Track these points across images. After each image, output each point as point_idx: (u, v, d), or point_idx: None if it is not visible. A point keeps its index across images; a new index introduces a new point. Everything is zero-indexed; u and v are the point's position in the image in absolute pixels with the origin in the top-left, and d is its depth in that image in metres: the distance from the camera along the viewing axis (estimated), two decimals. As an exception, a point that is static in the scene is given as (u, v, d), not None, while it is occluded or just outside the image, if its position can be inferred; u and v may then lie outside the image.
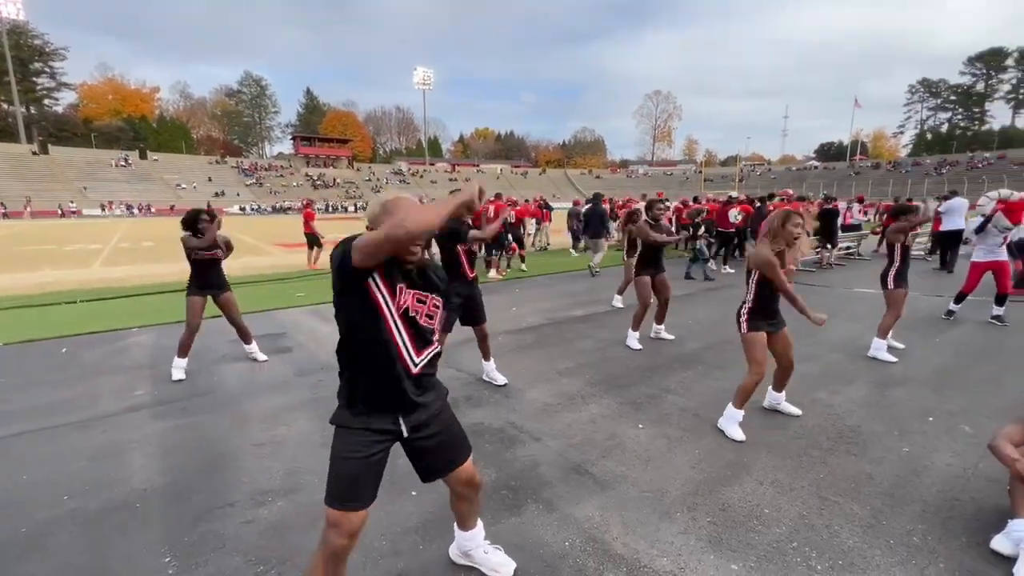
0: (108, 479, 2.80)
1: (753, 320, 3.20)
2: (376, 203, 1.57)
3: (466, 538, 2.02)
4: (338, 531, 1.56)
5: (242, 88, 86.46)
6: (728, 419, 3.27)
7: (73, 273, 10.92)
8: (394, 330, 1.56)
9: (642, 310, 5.14)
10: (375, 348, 1.56)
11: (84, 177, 51.23)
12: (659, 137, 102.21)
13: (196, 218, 4.42)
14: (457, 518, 1.99)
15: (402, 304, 1.56)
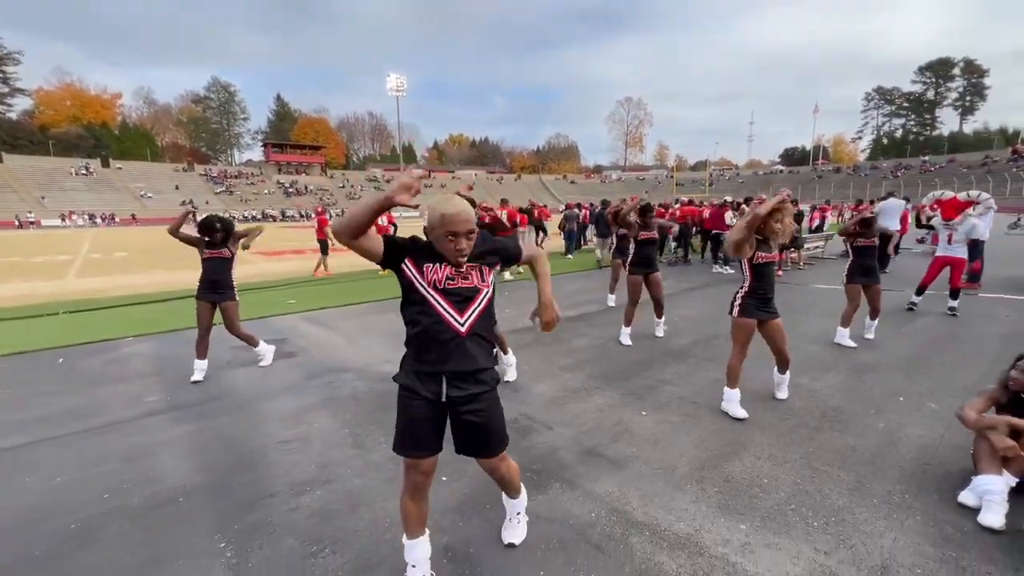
0: (144, 478, 2.89)
1: (745, 306, 3.52)
2: (437, 212, 1.73)
3: (506, 503, 2.28)
4: (415, 470, 1.86)
5: (209, 94, 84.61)
6: (727, 401, 3.59)
7: (47, 285, 10.63)
8: (431, 300, 1.77)
9: (632, 307, 5.45)
10: (421, 316, 1.78)
11: (42, 186, 49.22)
12: (631, 143, 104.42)
13: (212, 226, 4.51)
14: (501, 488, 2.22)
15: (431, 279, 1.77)
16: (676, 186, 66.27)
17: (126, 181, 55.36)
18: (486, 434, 1.93)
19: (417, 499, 1.91)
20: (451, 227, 1.69)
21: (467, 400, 1.84)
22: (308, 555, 2.20)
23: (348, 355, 5.25)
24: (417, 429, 1.83)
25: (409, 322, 1.83)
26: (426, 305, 1.77)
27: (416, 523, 1.94)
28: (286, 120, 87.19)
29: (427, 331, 1.78)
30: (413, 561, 1.95)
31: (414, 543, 1.95)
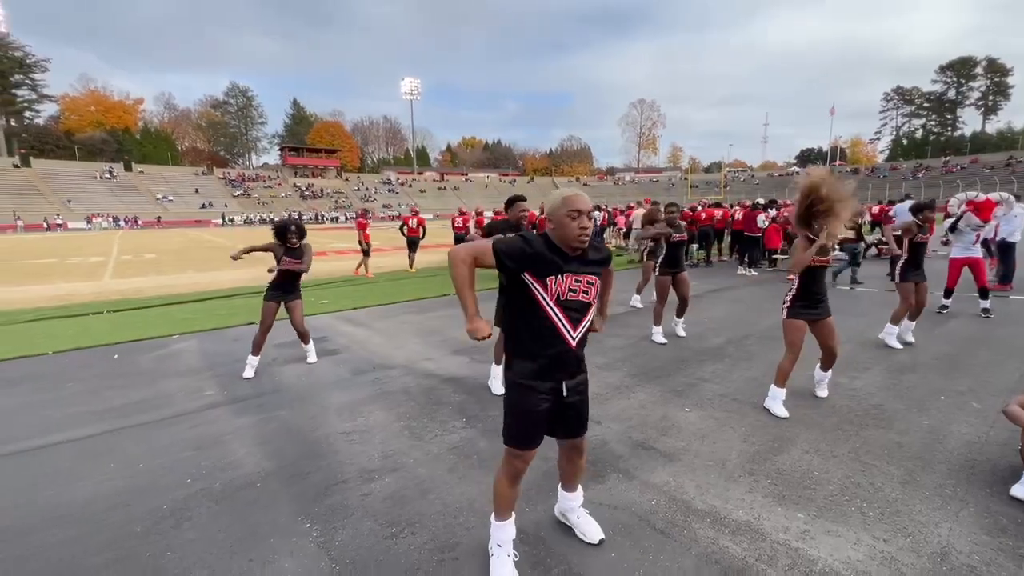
0: (221, 464, 3.07)
1: (794, 308, 3.61)
2: (558, 196, 1.91)
3: (567, 499, 2.33)
4: (521, 461, 2.01)
5: (228, 99, 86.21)
6: (772, 398, 3.67)
7: (86, 285, 11.00)
8: (552, 315, 1.89)
9: (661, 306, 5.57)
10: (537, 327, 1.91)
11: (68, 190, 50.56)
12: (644, 145, 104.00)
13: (286, 229, 4.71)
14: (562, 477, 2.32)
15: (553, 292, 1.88)
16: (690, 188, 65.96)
17: (148, 185, 56.62)
18: (584, 413, 2.09)
19: (516, 484, 2.06)
20: (574, 205, 1.85)
21: (575, 389, 2.01)
22: (389, 536, 2.35)
23: (389, 352, 5.42)
24: (534, 425, 1.97)
25: (522, 331, 1.94)
26: (545, 318, 1.89)
27: (510, 506, 2.08)
28: (302, 124, 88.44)
29: (542, 342, 1.91)
30: (500, 540, 2.06)
31: (504, 524, 2.07)
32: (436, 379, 4.56)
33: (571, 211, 1.85)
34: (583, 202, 1.87)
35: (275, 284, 4.86)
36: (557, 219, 1.89)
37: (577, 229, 1.85)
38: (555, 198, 1.92)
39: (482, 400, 4.03)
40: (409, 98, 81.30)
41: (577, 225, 1.85)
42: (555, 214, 1.89)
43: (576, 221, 1.85)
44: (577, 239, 1.86)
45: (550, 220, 1.92)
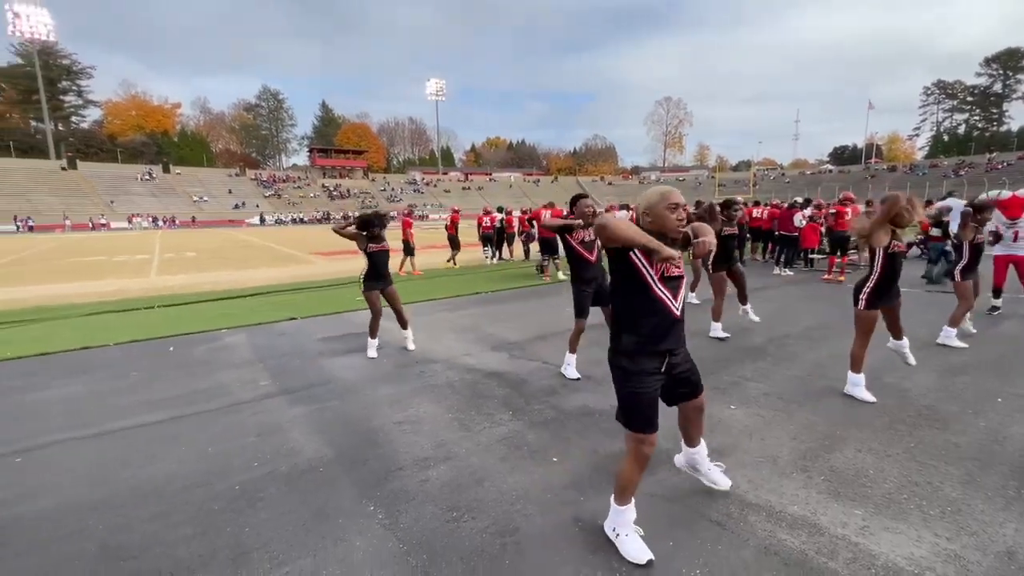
0: (283, 450, 3.23)
1: (871, 299, 3.71)
2: (655, 192, 2.11)
3: (693, 452, 2.55)
4: (648, 445, 2.12)
5: (260, 102, 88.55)
6: (853, 385, 3.82)
7: (136, 282, 11.53)
8: (656, 289, 2.06)
9: (720, 302, 5.60)
10: (646, 303, 2.07)
11: (111, 191, 52.76)
12: (670, 143, 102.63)
13: (371, 223, 5.01)
14: (685, 436, 2.52)
15: (660, 269, 2.05)
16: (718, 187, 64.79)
17: (184, 186, 58.67)
18: (697, 373, 2.31)
19: (643, 470, 2.18)
20: (673, 199, 2.07)
21: (683, 356, 2.22)
22: (451, 519, 2.45)
23: (431, 348, 5.55)
24: (653, 407, 2.11)
25: (632, 309, 2.10)
26: (651, 294, 2.06)
27: (633, 491, 2.20)
28: (330, 125, 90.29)
29: (652, 316, 2.08)
30: (622, 523, 2.18)
31: (627, 508, 2.20)
32: (478, 374, 4.66)
33: (670, 204, 2.06)
34: (679, 196, 2.10)
35: (370, 275, 5.17)
36: (656, 212, 2.07)
37: (675, 220, 2.05)
38: (652, 194, 2.12)
39: (525, 395, 4.11)
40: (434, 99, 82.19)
41: (675, 217, 2.05)
42: (654, 208, 2.08)
43: (675, 213, 2.06)
44: (676, 229, 2.05)
45: (647, 214, 2.10)
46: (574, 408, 3.81)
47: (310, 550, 2.24)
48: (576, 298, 4.40)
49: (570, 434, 3.35)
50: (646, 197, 2.13)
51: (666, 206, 2.06)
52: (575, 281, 4.42)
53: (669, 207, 2.06)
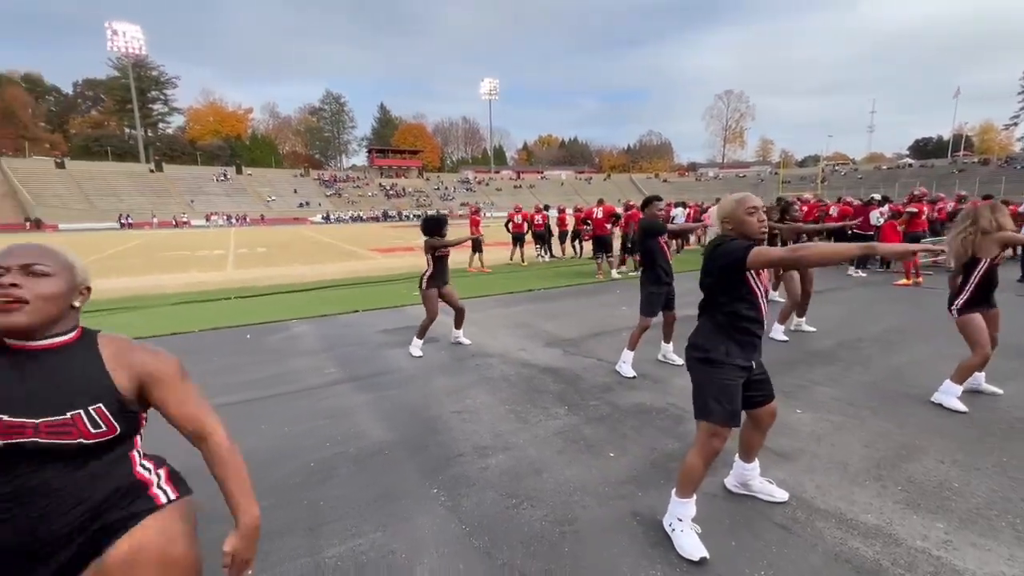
0: (351, 433, 3.43)
1: (969, 306, 3.54)
2: (731, 200, 2.15)
3: (747, 468, 2.50)
4: (721, 440, 2.13)
5: (323, 105, 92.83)
6: (945, 393, 3.60)
7: (214, 275, 12.47)
8: (761, 302, 2.14)
9: (792, 305, 5.38)
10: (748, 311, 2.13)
11: (191, 191, 57.08)
12: (730, 138, 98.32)
13: (439, 222, 5.20)
14: (745, 449, 2.48)
15: (764, 285, 2.14)
16: (782, 184, 61.49)
17: (255, 186, 62.54)
18: (770, 383, 2.36)
19: (709, 465, 2.19)
20: (751, 203, 2.12)
21: (760, 363, 2.30)
22: (511, 506, 2.53)
23: (486, 342, 5.68)
24: (736, 400, 2.16)
25: (735, 315, 2.14)
26: (755, 303, 2.14)
27: (697, 485, 2.21)
28: (388, 127, 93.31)
29: (751, 329, 2.15)
30: (682, 515, 2.19)
31: (689, 501, 2.21)
32: (533, 368, 4.72)
33: (749, 208, 2.11)
34: (757, 200, 2.14)
35: (434, 274, 5.28)
36: (737, 218, 2.11)
37: (757, 223, 2.08)
38: (729, 202, 2.17)
39: (580, 390, 4.13)
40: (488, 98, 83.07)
41: (756, 219, 2.08)
42: (734, 214, 2.12)
43: (755, 216, 2.08)
44: (759, 232, 2.07)
45: (727, 222, 2.13)
46: (630, 405, 3.79)
47: (379, 525, 2.39)
48: (647, 298, 4.44)
49: (626, 431, 3.35)
50: (722, 207, 2.20)
51: (744, 211, 2.10)
52: (650, 282, 4.45)
53: (747, 211, 2.10)
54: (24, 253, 1.04)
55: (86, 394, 1.05)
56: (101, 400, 1.06)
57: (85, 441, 1.04)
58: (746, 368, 2.18)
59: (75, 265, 1.12)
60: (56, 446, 1.01)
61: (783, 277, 5.50)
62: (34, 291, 1.02)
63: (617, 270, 11.17)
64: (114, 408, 1.07)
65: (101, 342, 1.13)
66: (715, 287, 2.18)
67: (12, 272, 1.02)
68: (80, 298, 1.13)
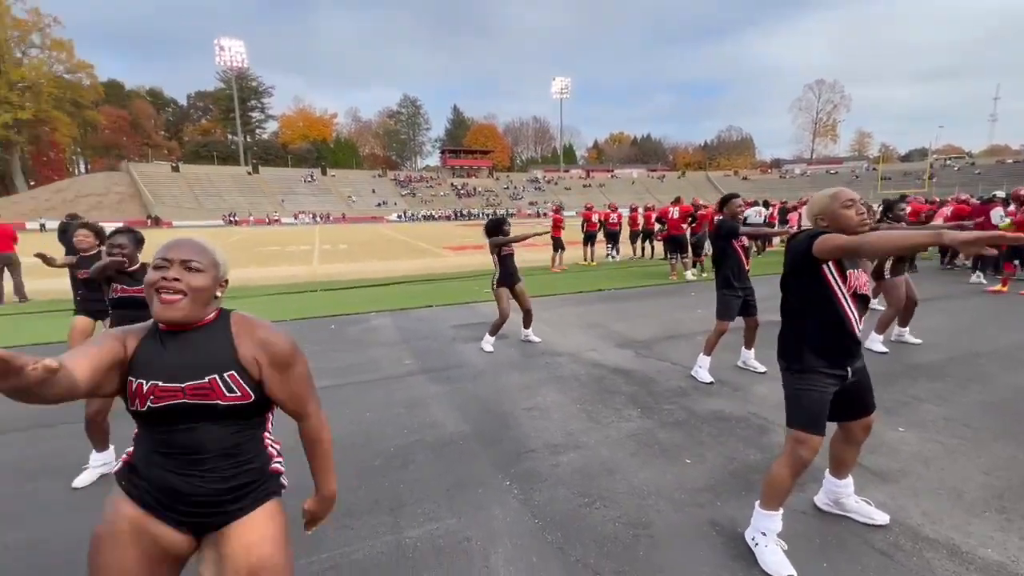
0: (427, 422, 3.58)
1: None
2: (823, 195, 2.03)
3: (840, 485, 2.32)
4: (807, 449, 2.00)
5: (400, 109, 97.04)
6: None
7: (302, 269, 13.46)
8: (846, 307, 1.97)
9: (894, 313, 4.92)
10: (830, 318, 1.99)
11: (282, 191, 61.89)
12: (821, 132, 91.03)
13: (497, 223, 5.32)
14: (836, 465, 2.30)
15: (852, 285, 1.97)
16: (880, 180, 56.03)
17: (338, 186, 66.64)
18: (871, 390, 2.17)
19: (798, 476, 2.05)
20: (846, 196, 1.98)
21: (859, 371, 2.10)
22: (583, 504, 2.52)
23: (556, 341, 5.68)
24: (823, 407, 2.02)
25: (816, 317, 2.01)
26: (837, 308, 1.98)
27: (783, 498, 2.08)
28: (460, 127, 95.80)
29: (836, 334, 2.00)
30: (767, 529, 2.07)
31: (775, 514, 2.08)
32: (604, 369, 4.67)
33: (845, 202, 1.96)
34: (851, 192, 2.00)
35: (503, 273, 5.38)
36: (831, 214, 1.98)
37: (856, 217, 1.93)
38: (822, 197, 2.04)
39: (654, 393, 4.02)
40: (559, 97, 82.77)
41: (855, 213, 1.93)
42: (828, 210, 1.99)
43: (852, 209, 1.95)
44: (859, 227, 1.92)
45: (822, 219, 2.01)
46: (707, 412, 3.64)
47: (455, 512, 2.48)
48: (723, 300, 4.26)
49: (703, 438, 3.22)
50: (814, 203, 2.07)
51: (841, 204, 1.96)
52: (723, 284, 4.26)
53: (844, 205, 1.96)
54: (184, 249, 1.21)
55: (219, 362, 1.21)
56: (232, 368, 1.21)
57: (221, 403, 1.19)
58: (837, 375, 2.02)
59: (220, 262, 1.28)
60: (201, 406, 1.17)
61: (883, 284, 5.00)
62: (190, 284, 1.17)
63: (692, 271, 10.73)
64: (244, 376, 1.21)
65: (232, 319, 1.28)
66: (792, 286, 2.08)
67: (174, 266, 1.18)
68: (220, 289, 1.29)
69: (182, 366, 1.18)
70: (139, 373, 1.16)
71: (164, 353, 1.18)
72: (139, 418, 1.18)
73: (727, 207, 4.23)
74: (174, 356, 1.18)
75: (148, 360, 1.17)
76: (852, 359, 2.05)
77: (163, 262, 1.20)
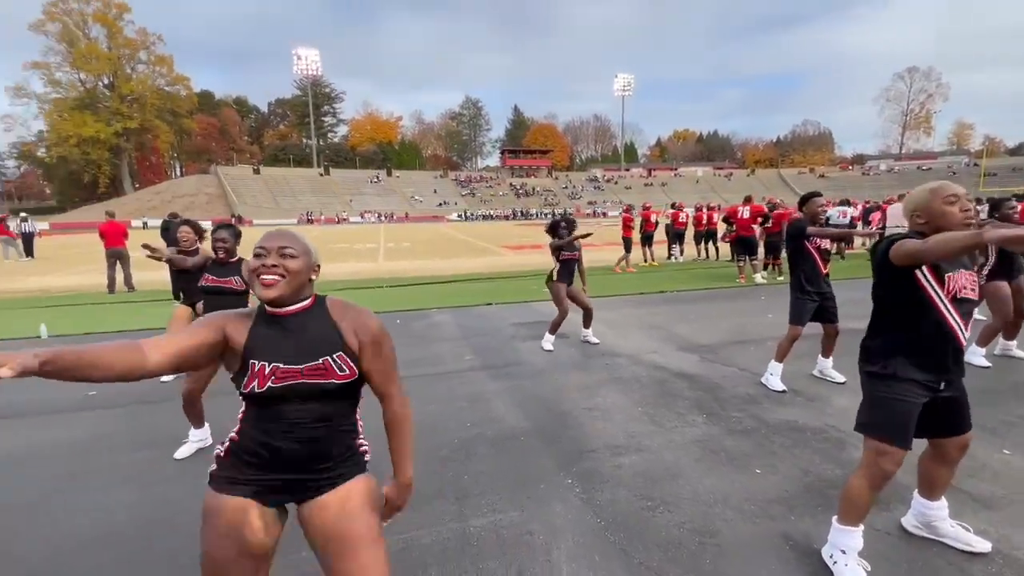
0: (488, 417, 3.66)
1: None
2: (923, 190, 1.90)
3: (932, 507, 2.15)
4: (890, 461, 1.89)
5: (462, 110, 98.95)
6: None
7: (369, 265, 14.10)
8: (946, 313, 1.83)
9: (1000, 325, 4.46)
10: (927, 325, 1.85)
11: (350, 192, 64.97)
12: (912, 124, 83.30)
13: (555, 225, 5.36)
14: (927, 485, 2.14)
15: (951, 290, 1.82)
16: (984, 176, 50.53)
17: (402, 187, 69.05)
18: (967, 405, 1.99)
19: (879, 490, 1.95)
20: (948, 191, 1.82)
21: (954, 384, 1.93)
22: (646, 507, 2.49)
23: (615, 342, 5.62)
24: (908, 417, 1.88)
25: (907, 324, 1.89)
26: (935, 316, 1.83)
27: (863, 513, 1.97)
28: (520, 128, 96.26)
29: (935, 343, 1.86)
30: (846, 547, 1.97)
31: (854, 531, 1.97)
32: (666, 372, 4.56)
33: (948, 197, 1.81)
34: (956, 187, 1.83)
35: (562, 271, 5.40)
36: (931, 212, 1.84)
37: (960, 215, 1.78)
38: (922, 192, 1.89)
39: (720, 399, 3.89)
40: (621, 94, 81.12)
41: (959, 209, 1.78)
42: (927, 208, 1.85)
43: (956, 205, 1.79)
44: (963, 224, 1.77)
45: (918, 216, 1.87)
46: (779, 422, 3.47)
47: (518, 505, 2.53)
48: (796, 304, 4.04)
49: (775, 448, 3.08)
50: (912, 198, 1.93)
51: (943, 200, 1.81)
52: (795, 288, 4.04)
53: (947, 200, 1.81)
54: (280, 239, 1.34)
55: (328, 343, 1.33)
56: (340, 348, 1.33)
57: (336, 381, 1.31)
58: (927, 386, 1.87)
59: (311, 249, 1.40)
60: (317, 385, 1.28)
61: (987, 290, 4.50)
62: (287, 268, 1.30)
63: (761, 274, 10.21)
64: (349, 355, 1.32)
65: (328, 303, 1.40)
66: (882, 292, 1.96)
67: (272, 254, 1.30)
68: (313, 274, 1.40)
69: (298, 349, 1.30)
70: (259, 356, 1.28)
71: (279, 337, 1.31)
72: (254, 398, 1.30)
73: (806, 207, 4.00)
74: (289, 340, 1.31)
75: (265, 344, 1.30)
76: (949, 371, 1.88)
77: (262, 250, 1.32)
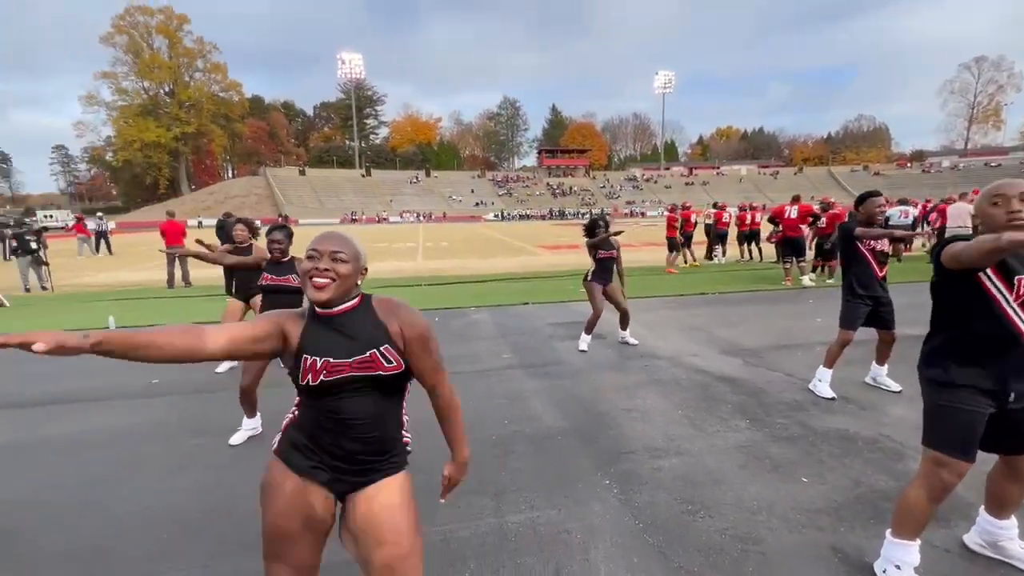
0: (526, 415, 3.69)
1: None
2: (983, 192, 1.83)
3: (999, 526, 2.04)
4: (951, 473, 1.80)
5: (500, 111, 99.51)
6: None
7: (408, 264, 14.41)
8: (1014, 317, 1.73)
9: None
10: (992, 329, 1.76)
11: (390, 192, 66.48)
12: (980, 118, 77.81)
13: (592, 225, 5.35)
14: (996, 503, 2.03)
15: (1021, 294, 1.72)
16: (1063, 173, 46.57)
17: (440, 187, 70.11)
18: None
19: (938, 503, 1.86)
20: (996, 191, 1.76)
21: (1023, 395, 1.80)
22: (686, 511, 2.46)
23: (654, 343, 5.53)
24: (971, 428, 1.80)
25: (968, 329, 1.82)
26: (999, 319, 1.76)
27: (920, 526, 1.90)
28: (558, 127, 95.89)
29: (993, 340, 1.78)
30: (901, 562, 1.90)
31: (910, 545, 1.90)
32: (708, 376, 4.46)
33: (992, 198, 1.77)
34: (1008, 186, 1.75)
35: (598, 271, 5.36)
36: (982, 213, 1.80)
37: (1004, 216, 1.70)
38: (982, 195, 1.84)
39: (765, 405, 3.77)
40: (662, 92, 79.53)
41: (1003, 211, 1.71)
42: (979, 208, 1.82)
43: (1000, 207, 1.72)
44: (1006, 226, 1.69)
45: (976, 217, 1.84)
46: (828, 430, 3.34)
47: (555, 504, 2.54)
48: (846, 308, 3.86)
49: (824, 457, 2.97)
50: (976, 199, 1.86)
51: (989, 200, 1.77)
52: (849, 291, 3.87)
53: (991, 201, 1.76)
54: (333, 242, 1.40)
55: (375, 337, 1.39)
56: (386, 342, 1.39)
57: (383, 374, 1.37)
58: (994, 395, 1.77)
59: (360, 253, 1.46)
60: (365, 377, 1.35)
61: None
62: (337, 272, 1.36)
63: (809, 276, 9.79)
64: (395, 348, 1.38)
65: (374, 302, 1.46)
66: (942, 296, 1.91)
67: (324, 257, 1.37)
68: (361, 277, 1.46)
69: (347, 344, 1.37)
70: (311, 352, 1.36)
71: (329, 334, 1.38)
72: (308, 391, 1.38)
73: (863, 207, 3.80)
74: (339, 336, 1.38)
75: (316, 341, 1.37)
76: (1017, 381, 1.77)
77: (315, 253, 1.39)
